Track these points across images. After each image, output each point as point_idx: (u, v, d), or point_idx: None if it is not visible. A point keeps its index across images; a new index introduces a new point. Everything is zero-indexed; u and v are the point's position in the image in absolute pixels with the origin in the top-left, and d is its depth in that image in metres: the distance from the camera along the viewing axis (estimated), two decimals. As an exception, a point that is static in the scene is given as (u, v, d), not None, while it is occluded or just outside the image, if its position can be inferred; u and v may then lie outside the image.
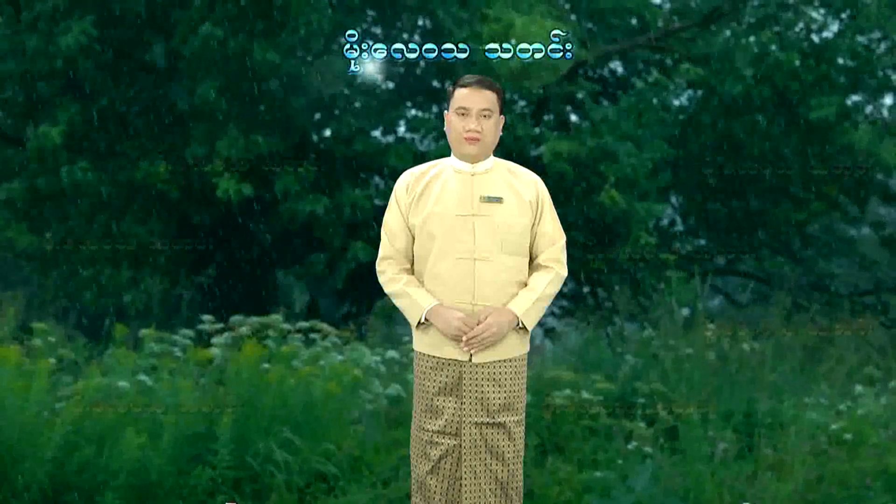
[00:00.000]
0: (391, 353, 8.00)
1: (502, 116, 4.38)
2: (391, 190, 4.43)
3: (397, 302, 4.34)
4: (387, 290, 4.37)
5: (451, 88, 4.37)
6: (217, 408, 6.91)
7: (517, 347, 4.32)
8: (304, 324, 8.16)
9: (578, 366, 8.66)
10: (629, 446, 7.39)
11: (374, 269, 4.43)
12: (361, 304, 11.82)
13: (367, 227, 10.43)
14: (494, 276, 4.26)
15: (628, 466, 7.19)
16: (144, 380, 7.12)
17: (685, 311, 9.57)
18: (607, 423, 7.60)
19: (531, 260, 4.38)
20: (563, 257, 4.39)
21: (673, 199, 12.98)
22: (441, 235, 4.27)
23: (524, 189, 4.35)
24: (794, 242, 12.81)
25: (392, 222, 4.37)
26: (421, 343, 4.32)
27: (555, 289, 4.35)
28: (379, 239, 4.42)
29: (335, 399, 7.10)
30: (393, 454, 7.00)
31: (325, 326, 8.16)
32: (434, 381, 4.28)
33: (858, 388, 8.50)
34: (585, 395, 7.73)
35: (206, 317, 8.06)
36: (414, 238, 4.34)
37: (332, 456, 6.91)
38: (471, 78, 4.35)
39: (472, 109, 4.29)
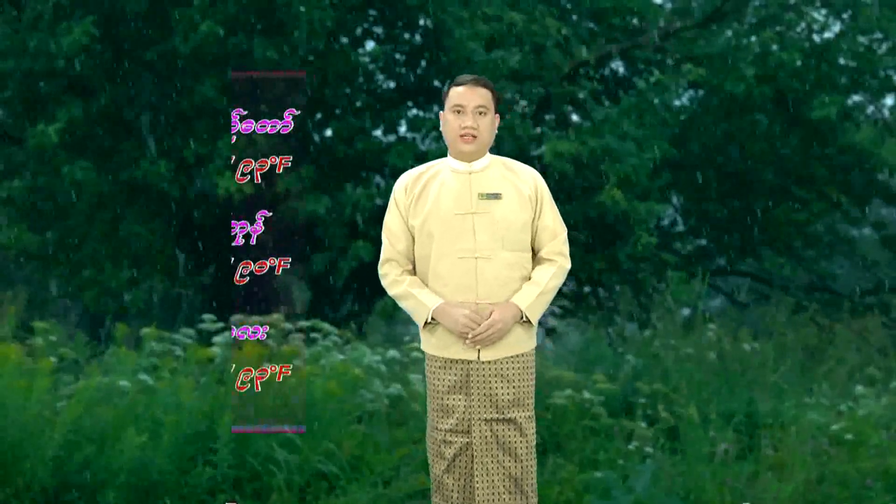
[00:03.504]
0: (392, 353, 7.99)
1: (497, 115, 4.40)
2: (392, 189, 4.45)
3: (402, 304, 4.36)
4: (391, 292, 4.39)
5: (446, 89, 4.41)
6: (218, 407, 6.90)
7: (524, 343, 4.34)
8: (305, 323, 8.16)
9: (579, 366, 8.66)
10: (630, 446, 7.39)
11: (376, 269, 4.45)
12: (362, 303, 11.82)
13: (369, 227, 10.42)
14: (497, 273, 4.28)
15: (629, 466, 7.19)
16: (145, 379, 7.12)
17: (686, 311, 9.57)
18: (608, 423, 7.60)
19: (534, 254, 4.39)
20: (566, 250, 4.41)
21: (674, 199, 12.98)
22: (441, 235, 4.29)
23: (523, 184, 4.38)
24: (795, 242, 12.81)
25: (392, 224, 4.39)
26: (428, 344, 4.34)
27: (558, 281, 4.37)
28: (380, 238, 4.44)
29: (336, 398, 7.10)
30: (394, 454, 7.00)
31: (325, 326, 8.16)
32: (443, 380, 4.30)
33: (859, 388, 8.50)
34: (586, 394, 7.73)
35: (207, 316, 8.05)
36: (414, 239, 4.35)
37: (332, 455, 6.91)
38: (465, 77, 4.39)
39: (467, 107, 4.32)
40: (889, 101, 12.70)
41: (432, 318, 4.28)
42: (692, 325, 8.86)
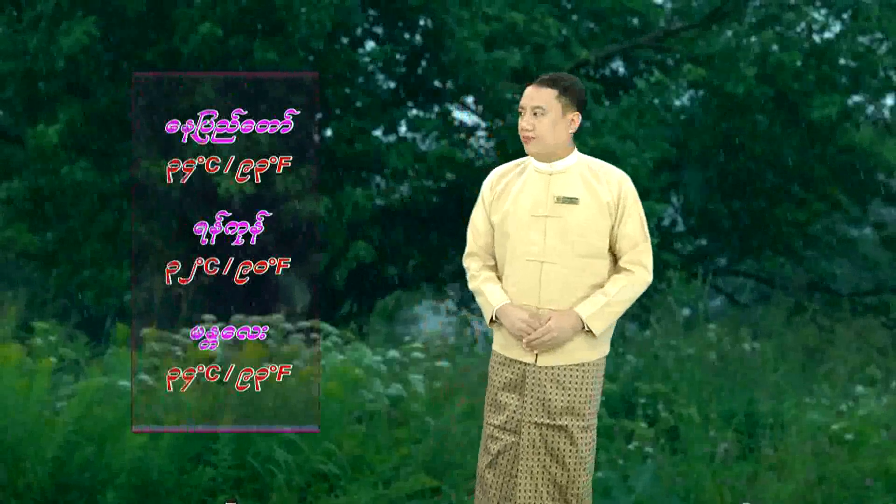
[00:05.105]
0: (392, 353, 8.00)
1: (577, 113, 4.31)
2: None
3: (477, 299, 4.35)
4: (469, 286, 4.38)
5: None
6: (218, 407, 6.90)
7: (585, 352, 4.23)
8: (304, 323, 8.16)
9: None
10: (630, 446, 7.39)
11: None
12: (362, 303, 11.82)
13: (369, 227, 10.41)
14: (562, 279, 4.19)
15: (629, 466, 7.20)
16: (145, 379, 7.12)
17: (686, 312, 9.57)
18: (608, 423, 7.60)
19: (616, 262, 4.28)
20: (647, 260, 4.25)
21: (674, 199, 12.98)
22: (514, 235, 4.23)
23: (604, 189, 4.29)
24: (795, 243, 12.81)
25: (476, 220, 4.35)
26: (495, 341, 4.32)
27: (631, 293, 4.23)
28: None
29: (336, 399, 7.10)
30: (394, 454, 7.00)
31: (326, 326, 8.16)
32: (500, 376, 4.28)
33: (859, 388, 8.51)
34: (587, 394, 7.72)
35: (207, 316, 8.05)
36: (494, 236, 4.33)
37: (333, 455, 6.91)
38: (542, 75, 4.32)
39: (526, 107, 4.26)
40: (889, 101, 12.71)
41: (496, 317, 4.26)
42: (692, 325, 8.87)
